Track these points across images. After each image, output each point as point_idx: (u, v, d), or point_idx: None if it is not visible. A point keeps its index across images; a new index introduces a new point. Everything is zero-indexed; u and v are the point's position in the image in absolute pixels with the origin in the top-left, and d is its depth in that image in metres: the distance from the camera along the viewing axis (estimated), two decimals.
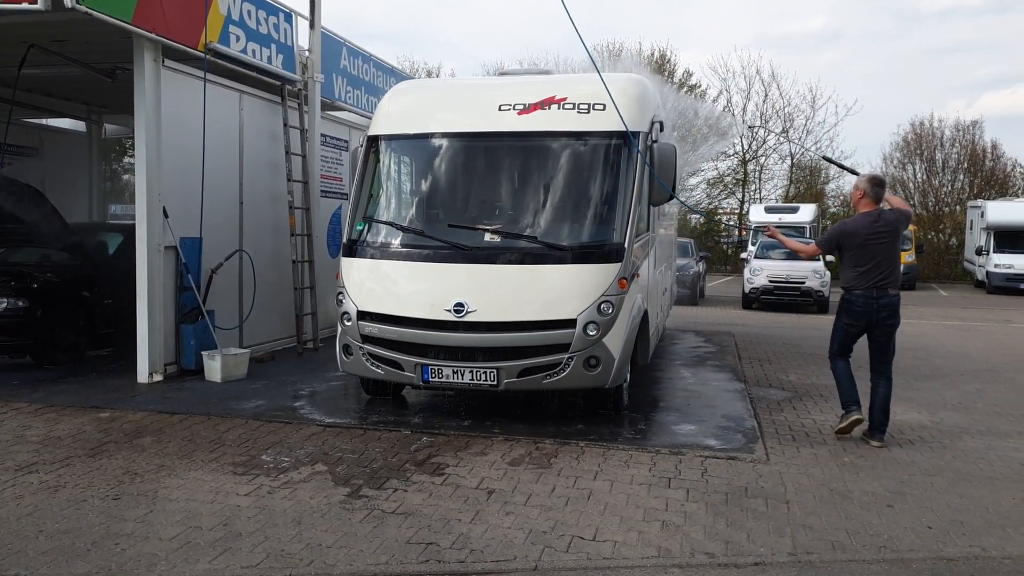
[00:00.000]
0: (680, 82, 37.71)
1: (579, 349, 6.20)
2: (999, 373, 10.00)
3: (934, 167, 37.10)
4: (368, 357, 6.54)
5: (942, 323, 16.56)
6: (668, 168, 6.86)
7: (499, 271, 6.36)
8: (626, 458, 5.71)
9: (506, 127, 6.89)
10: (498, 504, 4.80)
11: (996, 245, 25.41)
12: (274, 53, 9.55)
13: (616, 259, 6.40)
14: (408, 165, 7.32)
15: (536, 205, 6.81)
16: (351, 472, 5.32)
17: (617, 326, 6.36)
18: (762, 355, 10.79)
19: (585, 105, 6.92)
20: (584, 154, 6.86)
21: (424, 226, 6.82)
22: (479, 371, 6.21)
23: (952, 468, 5.76)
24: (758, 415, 7.13)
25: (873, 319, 6.39)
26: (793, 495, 5.07)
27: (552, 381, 6.23)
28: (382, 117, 7.39)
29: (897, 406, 7.74)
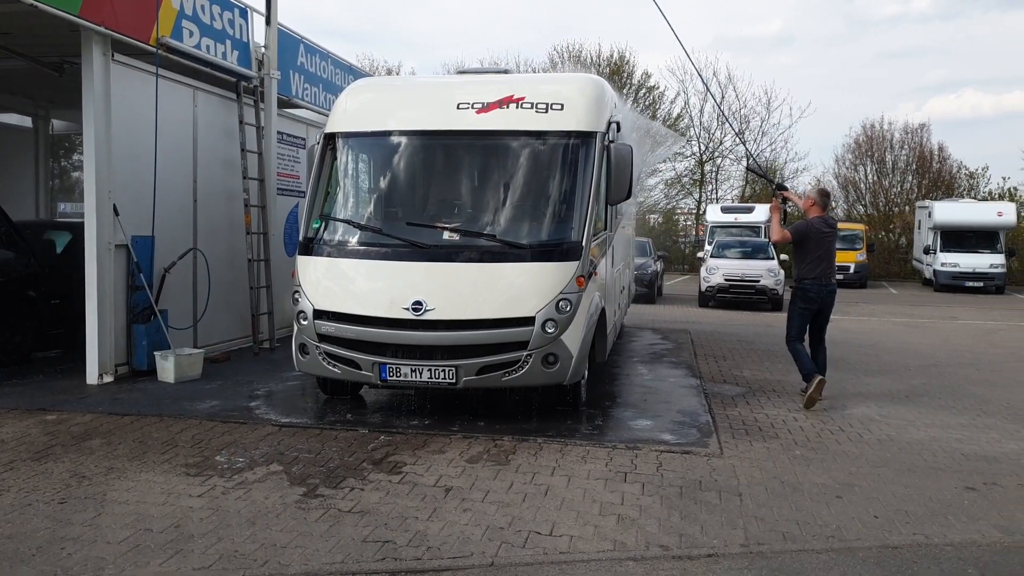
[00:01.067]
0: (639, 83, 38.04)
1: (537, 347, 6.23)
2: (944, 368, 10.29)
3: (884, 168, 38.02)
4: (325, 356, 6.50)
5: (891, 320, 16.97)
6: (625, 168, 6.93)
7: (457, 269, 6.36)
8: (583, 453, 5.76)
9: (464, 126, 6.90)
10: (455, 501, 4.80)
11: (943, 244, 26.10)
12: (229, 49, 9.42)
13: (574, 257, 6.45)
14: (365, 163, 7.29)
15: (494, 204, 6.83)
16: (307, 472, 5.28)
17: (575, 324, 6.40)
18: (717, 352, 10.96)
19: (543, 105, 6.95)
20: (542, 153, 6.90)
21: (382, 224, 6.80)
22: (437, 369, 6.20)
23: (898, 460, 5.92)
24: (712, 410, 7.25)
25: (824, 302, 7.82)
26: (746, 488, 5.16)
27: (511, 379, 6.26)
28: (339, 114, 7.34)
29: (848, 400, 7.95)
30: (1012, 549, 4.37)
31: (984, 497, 5.17)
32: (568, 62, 38.65)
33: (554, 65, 38.61)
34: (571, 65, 38.81)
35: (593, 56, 38.41)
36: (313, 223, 6.91)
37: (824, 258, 7.68)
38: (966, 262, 25.46)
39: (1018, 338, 13.94)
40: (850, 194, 38.70)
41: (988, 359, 11.22)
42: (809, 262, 7.68)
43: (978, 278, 25.25)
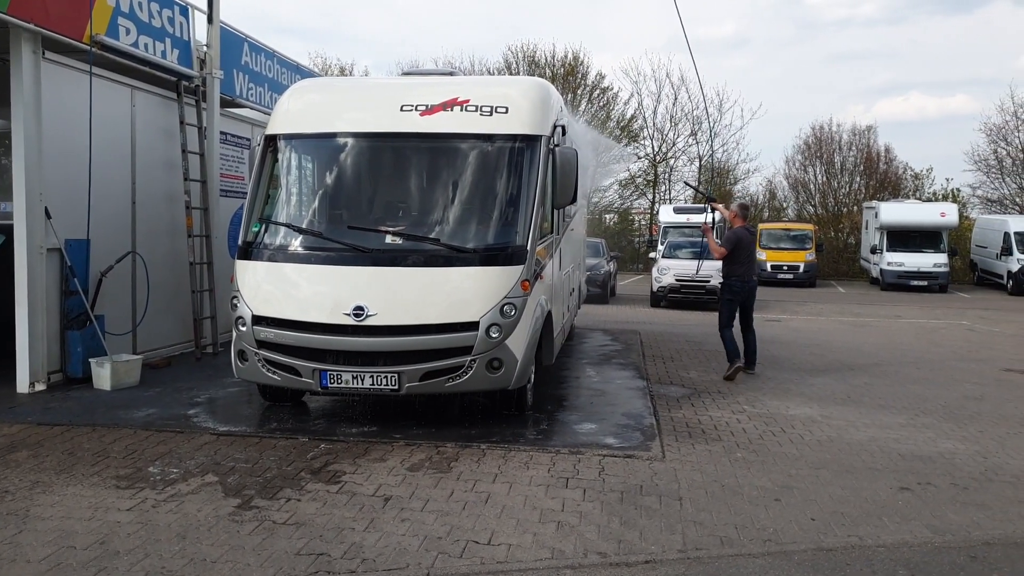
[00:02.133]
0: (593, 84, 38.21)
1: (482, 351, 6.18)
2: (886, 367, 10.51)
3: (833, 169, 38.81)
4: (264, 363, 6.36)
5: (839, 319, 17.30)
6: (569, 172, 6.92)
7: (400, 274, 6.28)
8: (526, 459, 5.73)
9: (408, 128, 6.82)
10: (394, 511, 4.73)
11: (889, 244, 26.71)
12: (169, 47, 9.19)
13: (518, 261, 6.42)
14: (307, 165, 7.16)
15: (438, 207, 6.77)
16: (243, 482, 5.15)
17: (520, 328, 6.37)
18: (665, 353, 11.03)
19: (488, 107, 6.91)
20: (487, 156, 6.85)
21: (323, 228, 6.69)
22: (379, 376, 6.12)
23: (837, 461, 6.01)
24: (657, 412, 7.28)
25: (746, 296, 9.43)
26: (686, 492, 5.18)
27: (454, 384, 6.20)
28: (281, 115, 7.20)
29: (790, 401, 8.06)
30: (942, 549, 4.45)
31: (918, 497, 5.26)
32: (523, 62, 38.79)
33: (508, 66, 38.62)
34: (525, 66, 38.97)
35: (547, 57, 38.44)
36: (252, 226, 6.77)
37: (747, 260, 9.41)
38: (911, 261, 26.10)
39: (957, 336, 14.32)
40: (800, 194, 39.44)
41: (928, 358, 11.50)
42: (735, 264, 9.33)
43: (923, 277, 25.90)
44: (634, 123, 37.83)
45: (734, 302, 9.39)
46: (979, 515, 4.97)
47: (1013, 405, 8.30)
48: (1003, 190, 35.38)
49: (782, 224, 31.40)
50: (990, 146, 35.29)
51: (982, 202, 35.90)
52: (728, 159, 38.77)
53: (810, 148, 39.09)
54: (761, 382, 9.12)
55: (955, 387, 9.21)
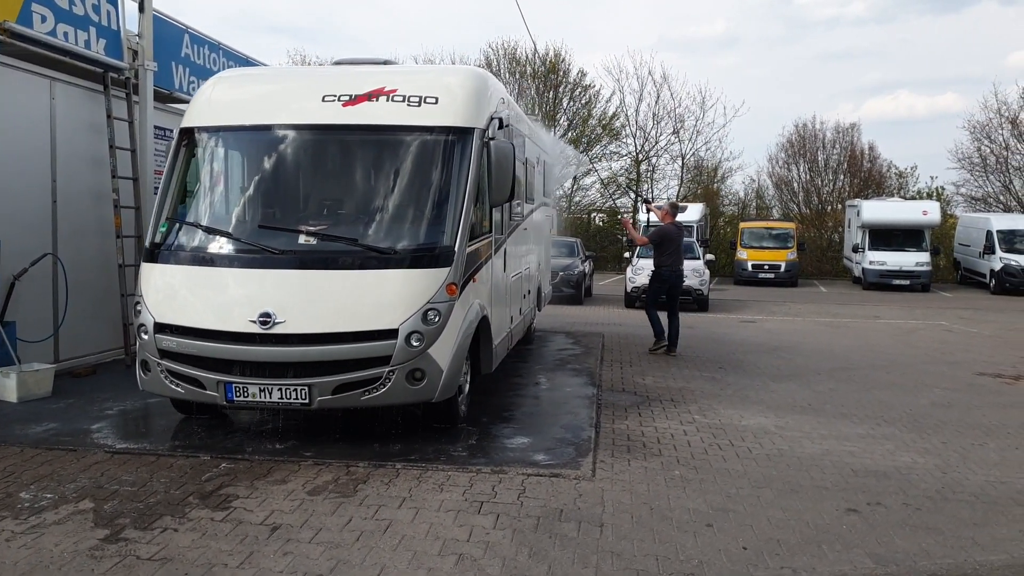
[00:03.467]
0: (574, 82, 37.73)
1: (401, 362, 5.70)
2: (855, 371, 10.09)
3: (817, 167, 38.50)
4: (167, 374, 5.87)
5: (815, 320, 16.90)
6: (505, 167, 6.46)
7: (312, 277, 5.80)
8: (443, 480, 5.26)
9: (327, 119, 6.34)
10: (278, 543, 4.25)
11: (871, 243, 26.36)
12: (93, 37, 8.68)
13: (444, 263, 5.95)
14: (220, 160, 6.67)
15: (357, 206, 6.30)
16: (120, 509, 4.66)
17: (445, 335, 5.90)
18: (626, 357, 10.58)
19: (416, 98, 6.44)
20: (412, 151, 6.37)
21: (232, 227, 6.19)
22: (289, 388, 5.63)
23: (783, 478, 5.56)
24: (599, 424, 6.82)
25: (673, 283, 10.87)
26: (610, 516, 4.72)
27: (371, 397, 5.72)
28: (196, 107, 6.72)
29: (746, 409, 7.62)
30: None
31: (865, 520, 4.82)
32: (503, 60, 38.29)
33: (488, 63, 38.14)
34: (506, 63, 38.46)
35: (528, 54, 37.93)
36: (160, 226, 6.28)
37: (674, 252, 10.72)
38: (893, 260, 25.76)
39: (934, 337, 13.92)
40: (783, 192, 39.13)
41: (901, 361, 11.08)
42: (664, 255, 10.73)
43: (904, 276, 25.58)
44: (616, 121, 37.39)
45: (662, 288, 10.92)
46: (929, 541, 4.53)
47: (981, 412, 7.88)
48: (987, 188, 35.15)
49: (763, 223, 31.04)
50: (973, 144, 35.06)
51: (966, 200, 35.69)
52: (711, 157, 38.45)
53: (793, 146, 38.81)
54: (720, 388, 8.68)
55: (924, 393, 8.79)
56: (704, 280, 18.41)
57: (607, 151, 37.77)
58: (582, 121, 37.25)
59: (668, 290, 10.87)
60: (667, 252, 10.66)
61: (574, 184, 38.58)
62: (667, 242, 10.67)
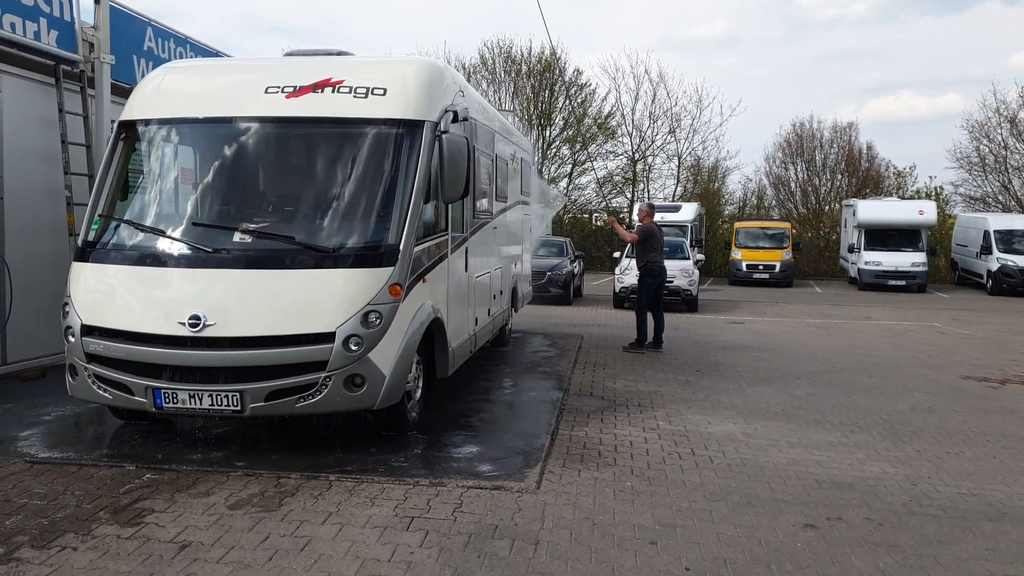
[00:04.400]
0: (570, 81, 37.39)
1: (339, 367, 5.40)
2: (837, 375, 9.77)
3: (814, 167, 38.13)
4: (94, 379, 5.58)
5: (805, 321, 16.57)
6: (459, 163, 6.17)
7: (247, 277, 5.51)
8: (376, 493, 4.95)
9: (268, 112, 6.05)
10: (184, 562, 3.95)
11: (867, 243, 26.00)
12: (45, 28, 8.39)
13: (388, 263, 5.65)
14: (157, 155, 6.36)
15: (299, 201, 6.01)
16: (21, 526, 4.36)
17: (388, 339, 5.60)
18: (600, 359, 10.27)
19: (363, 89, 6.15)
20: (356, 144, 6.08)
21: (164, 225, 5.89)
22: (220, 395, 5.33)
23: (742, 490, 5.25)
24: (557, 431, 6.51)
25: (661, 278, 11.45)
26: (547, 534, 4.42)
27: (307, 404, 5.42)
28: (134, 100, 6.44)
29: (715, 415, 7.31)
30: None
31: (822, 537, 4.51)
32: (499, 58, 37.94)
33: (484, 62, 37.86)
34: (501, 61, 38.11)
35: (523, 52, 37.62)
36: (93, 224, 5.99)
37: (659, 248, 11.27)
38: (889, 260, 25.40)
39: (924, 339, 13.59)
40: (781, 192, 38.76)
41: (886, 364, 10.76)
42: (652, 251, 11.20)
43: (900, 276, 25.22)
44: (611, 120, 37.04)
45: (653, 284, 11.23)
46: (887, 560, 4.22)
47: (961, 418, 7.56)
48: (985, 188, 34.76)
49: (758, 222, 30.68)
50: (972, 143, 34.66)
51: (964, 200, 35.30)
52: (708, 156, 38.10)
53: (791, 145, 38.44)
54: (692, 392, 8.37)
55: (904, 397, 8.47)
56: (693, 280, 18.08)
57: (603, 150, 37.41)
58: (577, 120, 36.90)
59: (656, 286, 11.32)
60: (654, 248, 11.16)
61: (570, 184, 38.35)
62: (652, 238, 11.22)
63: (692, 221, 26.99)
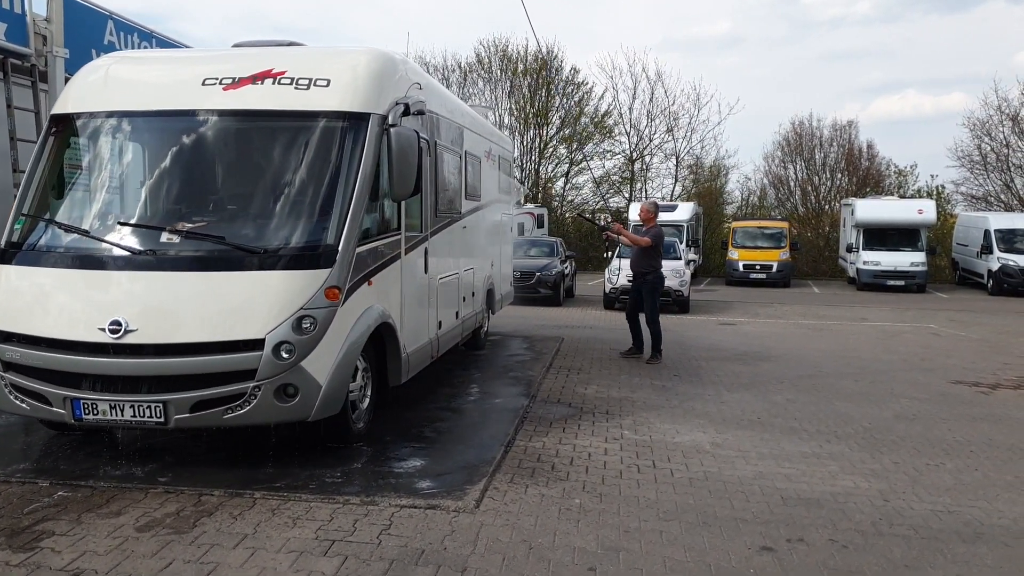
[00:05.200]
0: (566, 79, 37.00)
1: (269, 376, 5.05)
2: (821, 379, 9.39)
3: (814, 166, 37.69)
4: (11, 388, 5.24)
5: (798, 322, 16.17)
6: (408, 158, 5.82)
7: (172, 280, 5.17)
8: (301, 513, 4.60)
9: (202, 105, 5.71)
10: None
11: (865, 242, 25.58)
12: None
13: (325, 264, 5.30)
14: (86, 151, 6.00)
15: (231, 200, 5.66)
16: None
17: (325, 346, 5.25)
18: (577, 363, 9.91)
19: (305, 80, 5.81)
20: (296, 139, 5.74)
21: (89, 225, 5.54)
22: (142, 406, 4.99)
23: (699, 507, 4.89)
24: (512, 442, 6.15)
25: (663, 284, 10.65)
26: (477, 559, 4.06)
27: (235, 416, 5.07)
28: (68, 93, 6.14)
29: (685, 424, 6.95)
30: None
31: (779, 562, 4.15)
32: (495, 57, 37.59)
33: (480, 60, 37.53)
34: (497, 60, 37.76)
35: (520, 51, 37.26)
36: (16, 224, 5.66)
37: (661, 254, 10.28)
38: (888, 260, 24.96)
39: (918, 341, 13.20)
40: (780, 191, 38.32)
41: (875, 367, 10.38)
42: (656, 257, 10.12)
43: (899, 276, 24.78)
44: (608, 118, 36.64)
45: (658, 290, 10.27)
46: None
47: (947, 426, 7.19)
48: (987, 187, 34.27)
49: (755, 222, 30.25)
50: (974, 141, 34.18)
51: (965, 199, 34.81)
52: (707, 155, 37.70)
53: (790, 144, 38.00)
54: (665, 399, 8.01)
55: (889, 404, 8.09)
56: (684, 281, 17.69)
57: (600, 149, 37.03)
58: (574, 119, 36.52)
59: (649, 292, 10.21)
60: (658, 252, 10.21)
61: (567, 184, 37.97)
62: (661, 242, 10.33)
63: (688, 221, 26.63)
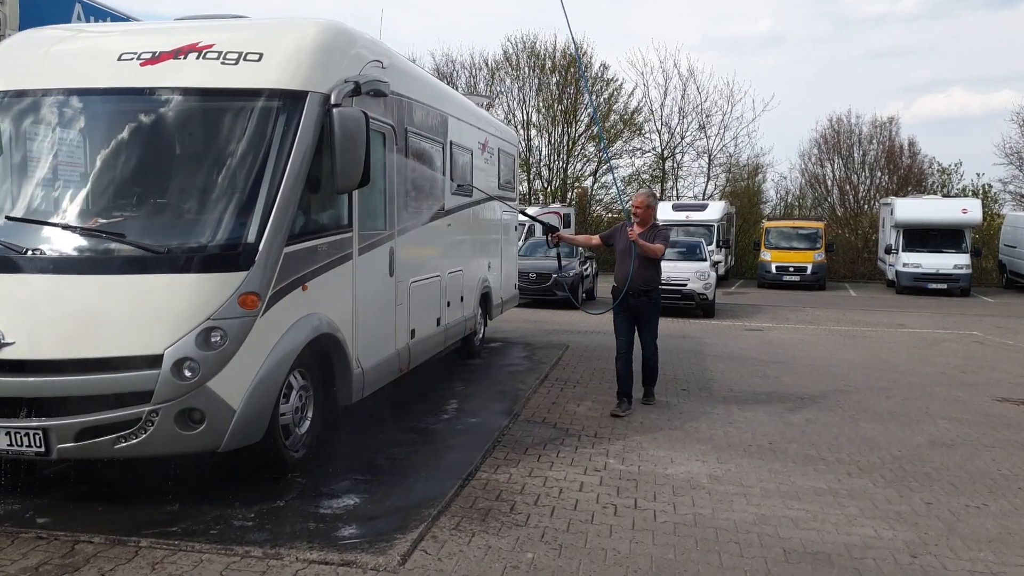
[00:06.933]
0: (595, 76, 36.01)
1: (168, 399, 4.27)
2: (848, 395, 8.38)
3: (852, 164, 36.20)
4: None
5: (830, 328, 15.06)
6: (355, 143, 5.02)
7: (58, 284, 4.41)
8: (187, 568, 3.80)
9: (115, 82, 4.99)
10: None
11: (905, 244, 24.24)
12: None
13: (239, 266, 4.51)
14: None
15: (139, 192, 4.90)
16: None
17: (239, 363, 4.45)
18: (576, 375, 9.01)
19: (235, 54, 5.05)
20: (217, 121, 4.97)
21: None
22: (20, 433, 4.24)
23: (680, 565, 3.99)
24: (474, 474, 5.29)
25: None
26: None
27: (128, 446, 4.29)
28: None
29: (683, 450, 6.03)
30: None
31: None
32: (522, 53, 36.76)
33: (508, 57, 36.74)
34: (525, 56, 36.90)
35: (548, 48, 36.41)
36: None
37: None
38: (929, 262, 23.60)
39: (958, 351, 12.05)
40: (816, 190, 36.89)
41: (909, 381, 9.32)
42: (658, 268, 7.36)
43: (942, 280, 23.41)
44: (638, 116, 35.58)
45: (659, 311, 7.62)
46: None
47: (991, 456, 6.18)
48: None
49: (789, 222, 28.99)
50: (1023, 138, 32.43)
51: (1014, 198, 33.05)
52: (739, 153, 36.43)
53: (827, 142, 36.54)
54: (668, 417, 7.10)
55: (924, 426, 7.08)
56: (709, 284, 16.68)
57: (629, 147, 35.97)
58: (602, 116, 35.52)
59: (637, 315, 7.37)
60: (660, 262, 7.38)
61: (595, 183, 36.97)
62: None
63: (719, 220, 25.54)
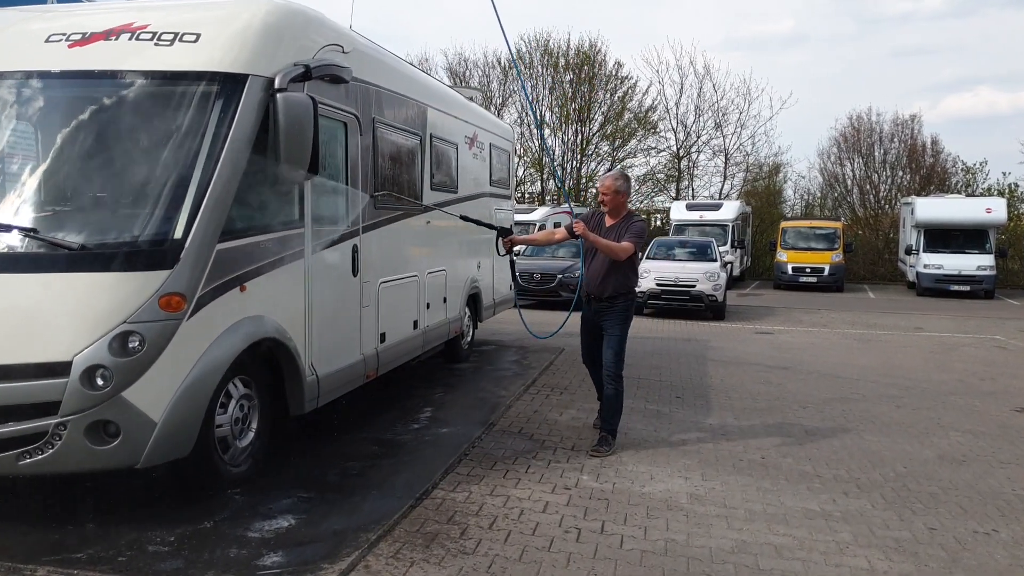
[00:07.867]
0: (609, 74, 35.50)
1: (77, 410, 3.87)
2: (856, 403, 7.85)
3: (873, 163, 35.36)
4: None
5: (844, 331, 14.47)
6: (300, 130, 4.62)
7: None
8: None
9: (39, 65, 4.62)
10: None
11: (926, 244, 23.50)
12: None
13: (161, 264, 4.11)
14: None
15: (57, 182, 4.51)
16: None
17: (159, 371, 4.05)
18: (565, 381, 8.54)
19: (170, 35, 4.67)
20: (148, 106, 4.57)
21: None
22: None
23: None
24: (430, 491, 4.84)
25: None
26: None
27: (34, 462, 3.90)
28: None
29: (665, 466, 5.55)
30: None
31: None
32: (536, 51, 36.34)
33: (521, 56, 36.28)
34: (538, 55, 36.46)
35: (561, 46, 35.97)
36: None
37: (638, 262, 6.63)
38: (951, 263, 22.84)
39: (979, 357, 11.42)
40: (836, 190, 36.10)
41: (922, 389, 8.76)
42: (633, 270, 6.22)
43: (964, 281, 22.66)
44: (652, 114, 35.00)
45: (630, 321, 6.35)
46: None
47: (1005, 473, 5.64)
48: None
49: (807, 221, 28.29)
50: None
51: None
52: (757, 152, 35.76)
53: (847, 140, 35.72)
54: (654, 428, 6.63)
55: (934, 439, 6.55)
56: (719, 285, 16.12)
57: (644, 145, 35.41)
58: (616, 115, 35.00)
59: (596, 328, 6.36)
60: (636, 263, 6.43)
61: None
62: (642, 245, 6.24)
63: (734, 220, 24.95)
